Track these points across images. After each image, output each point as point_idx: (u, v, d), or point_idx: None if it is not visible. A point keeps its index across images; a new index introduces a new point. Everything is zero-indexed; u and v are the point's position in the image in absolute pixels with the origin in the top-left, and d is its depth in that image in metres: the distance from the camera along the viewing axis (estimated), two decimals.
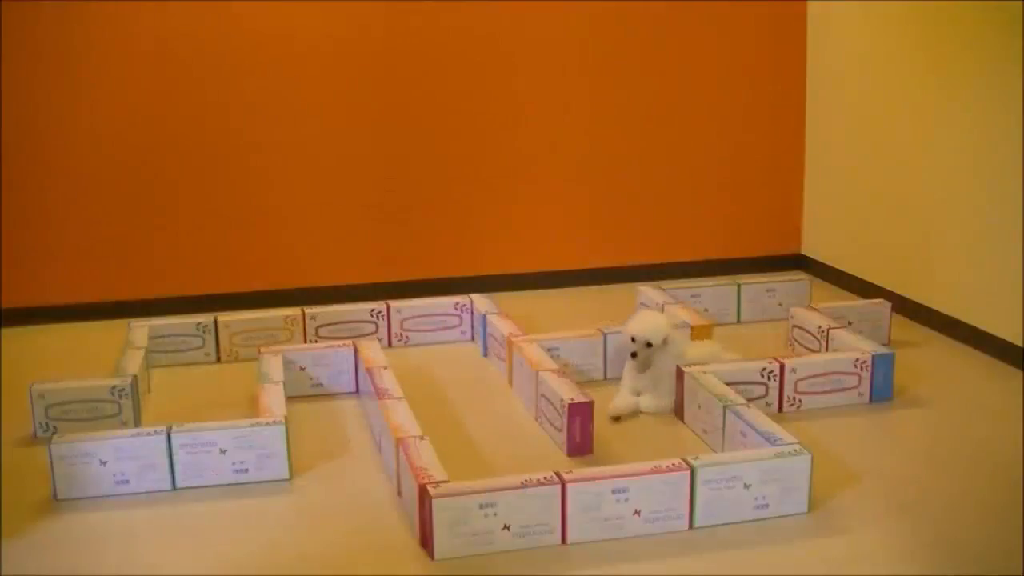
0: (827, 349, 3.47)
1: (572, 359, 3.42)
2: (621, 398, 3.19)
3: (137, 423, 3.12)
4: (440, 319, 3.87)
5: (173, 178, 4.16)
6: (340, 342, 3.49)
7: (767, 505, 2.53)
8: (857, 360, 3.22)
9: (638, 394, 3.19)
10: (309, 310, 3.80)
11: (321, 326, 3.78)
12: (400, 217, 4.36)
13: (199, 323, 3.70)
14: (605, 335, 3.46)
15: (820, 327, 3.52)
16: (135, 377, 3.15)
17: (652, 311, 3.34)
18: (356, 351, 3.39)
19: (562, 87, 4.38)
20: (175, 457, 2.73)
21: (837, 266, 4.47)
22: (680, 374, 3.13)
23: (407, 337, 3.85)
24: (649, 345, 3.13)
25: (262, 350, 3.40)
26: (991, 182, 3.53)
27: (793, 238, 4.73)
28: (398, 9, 4.17)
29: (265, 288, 4.28)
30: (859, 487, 2.68)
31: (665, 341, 3.15)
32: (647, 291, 3.94)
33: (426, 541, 2.39)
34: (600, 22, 4.34)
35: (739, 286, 4.03)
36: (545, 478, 2.43)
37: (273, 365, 3.25)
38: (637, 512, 2.45)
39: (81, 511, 2.64)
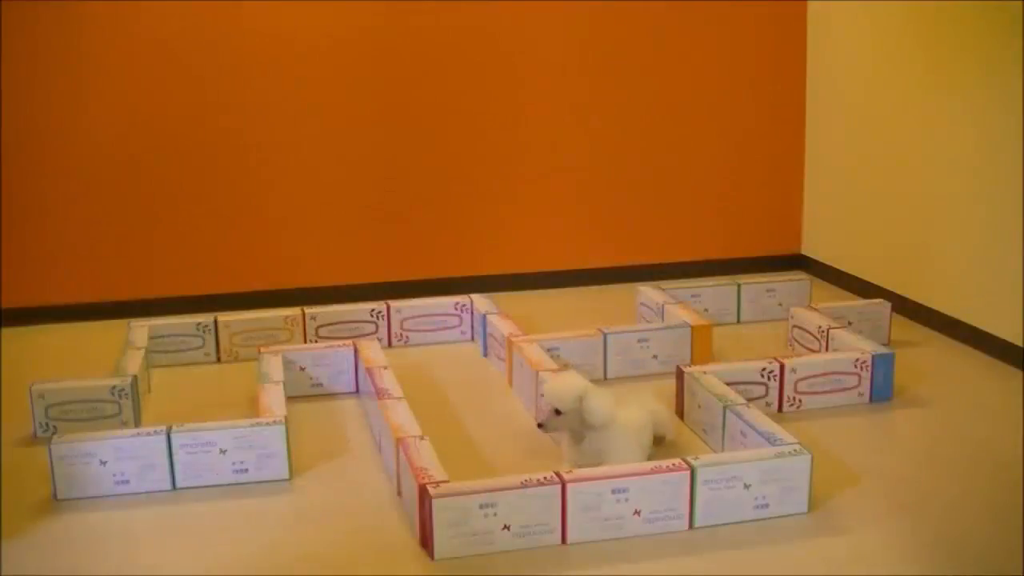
0: (827, 349, 3.47)
1: (572, 359, 3.42)
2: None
3: (137, 423, 3.12)
4: (440, 319, 3.87)
5: (173, 178, 4.16)
6: (340, 342, 3.49)
7: (767, 505, 2.53)
8: (857, 360, 3.22)
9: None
10: (309, 310, 3.79)
11: (321, 326, 3.78)
12: (400, 217, 4.36)
13: (199, 323, 3.70)
14: (605, 335, 3.46)
15: (820, 327, 3.52)
16: (135, 377, 3.15)
17: (568, 373, 2.83)
18: (356, 351, 3.39)
19: (562, 87, 4.38)
20: (175, 457, 2.73)
21: (837, 266, 4.47)
22: (680, 374, 3.13)
23: (407, 337, 3.85)
24: (558, 412, 2.66)
25: (262, 350, 3.40)
26: (991, 182, 3.53)
27: (793, 238, 4.73)
28: (398, 9, 4.17)
29: (265, 288, 4.28)
30: (859, 487, 2.68)
31: (581, 400, 2.65)
32: (647, 291, 3.94)
33: (426, 541, 2.39)
34: (600, 22, 4.34)
35: (739, 286, 4.03)
36: (545, 478, 2.43)
37: (273, 365, 3.25)
38: (637, 512, 2.45)
39: (81, 511, 2.64)
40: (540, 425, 2.71)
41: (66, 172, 4.08)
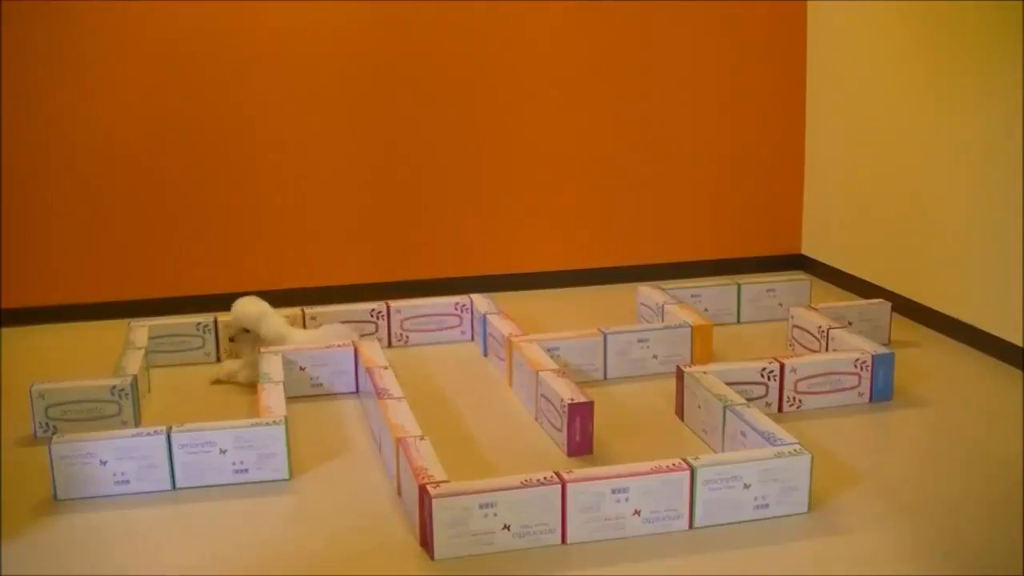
0: (827, 349, 3.47)
1: (572, 359, 3.42)
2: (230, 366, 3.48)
3: (137, 423, 3.12)
4: (440, 319, 3.87)
5: (173, 178, 4.16)
6: (340, 342, 3.49)
7: (767, 505, 2.54)
8: (857, 360, 3.22)
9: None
10: (309, 310, 3.79)
11: (321, 326, 3.77)
12: (400, 217, 4.36)
13: (199, 323, 3.70)
14: (605, 335, 3.46)
15: (820, 327, 3.52)
16: (135, 377, 3.15)
17: (250, 298, 3.56)
18: (356, 351, 3.39)
19: (562, 87, 4.38)
20: (175, 457, 2.73)
21: (837, 266, 4.47)
22: (680, 374, 3.13)
23: (407, 337, 3.85)
24: (246, 331, 3.44)
25: (262, 350, 3.40)
26: (991, 182, 3.53)
27: (793, 238, 4.73)
28: (398, 10, 4.17)
29: (265, 288, 4.27)
30: (859, 487, 2.68)
31: (261, 320, 3.43)
32: (647, 291, 3.94)
33: (426, 541, 2.39)
34: (601, 21, 4.34)
35: (739, 286, 4.03)
36: (545, 478, 2.43)
37: (273, 365, 3.25)
38: (637, 512, 2.45)
39: (81, 511, 2.64)
40: (231, 339, 3.49)
41: (66, 172, 4.08)
